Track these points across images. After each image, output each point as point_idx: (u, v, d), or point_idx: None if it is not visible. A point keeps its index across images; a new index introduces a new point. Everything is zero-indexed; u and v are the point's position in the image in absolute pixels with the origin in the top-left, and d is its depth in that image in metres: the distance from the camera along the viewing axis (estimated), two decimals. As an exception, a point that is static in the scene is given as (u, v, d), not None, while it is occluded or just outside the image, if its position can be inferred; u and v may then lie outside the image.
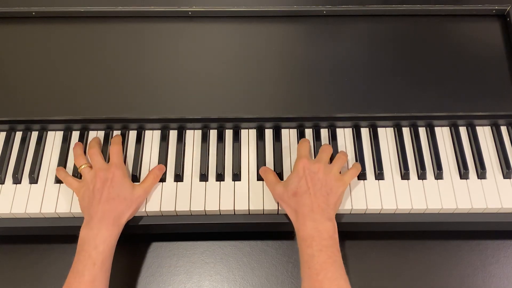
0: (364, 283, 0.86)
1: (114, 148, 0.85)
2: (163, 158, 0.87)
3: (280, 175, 0.86)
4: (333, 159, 0.85)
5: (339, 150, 0.88)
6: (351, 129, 0.91)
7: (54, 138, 0.90)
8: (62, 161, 0.87)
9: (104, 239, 0.75)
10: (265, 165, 0.87)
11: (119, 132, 0.90)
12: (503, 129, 0.90)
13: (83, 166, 0.83)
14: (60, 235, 0.89)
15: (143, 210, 0.83)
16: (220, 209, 0.83)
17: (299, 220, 0.76)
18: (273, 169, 0.86)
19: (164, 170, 0.86)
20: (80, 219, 0.83)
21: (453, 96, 0.89)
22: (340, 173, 0.82)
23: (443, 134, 0.90)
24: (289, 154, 0.88)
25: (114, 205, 0.78)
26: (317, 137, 0.89)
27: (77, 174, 0.86)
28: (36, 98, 0.89)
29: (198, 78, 0.90)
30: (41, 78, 0.90)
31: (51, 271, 0.87)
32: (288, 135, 0.90)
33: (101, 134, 0.90)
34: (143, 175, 0.86)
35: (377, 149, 0.88)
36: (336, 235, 0.75)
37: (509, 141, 0.89)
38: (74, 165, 0.86)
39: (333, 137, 0.89)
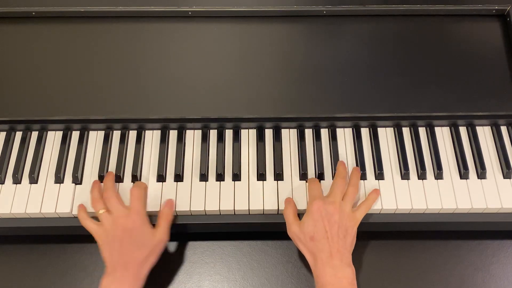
0: (364, 283, 0.86)
1: (136, 192, 0.80)
2: (163, 158, 0.87)
3: (280, 175, 0.86)
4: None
5: (339, 150, 0.88)
6: (351, 129, 0.91)
7: (54, 138, 0.90)
8: (62, 161, 0.87)
9: None
10: (265, 165, 0.87)
11: (119, 132, 0.90)
12: (503, 129, 0.90)
13: (101, 211, 0.79)
14: (60, 235, 0.89)
15: (143, 210, 0.83)
16: (220, 209, 0.83)
17: (317, 265, 0.74)
18: (273, 169, 0.86)
19: (174, 206, 0.83)
20: (80, 219, 0.84)
21: (453, 96, 0.89)
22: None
23: (443, 134, 0.90)
24: (289, 154, 0.88)
25: (136, 255, 0.76)
26: (317, 137, 0.89)
27: (81, 173, 0.86)
28: (36, 98, 0.89)
29: (198, 78, 0.90)
30: (41, 78, 0.90)
31: (51, 271, 0.87)
32: (288, 135, 0.90)
33: (101, 134, 0.90)
34: (143, 175, 0.86)
35: (377, 149, 0.88)
36: (355, 281, 0.74)
37: (509, 141, 0.89)
38: (74, 165, 0.86)
39: (333, 137, 0.89)
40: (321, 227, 0.75)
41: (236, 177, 0.86)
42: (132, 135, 0.90)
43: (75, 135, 0.90)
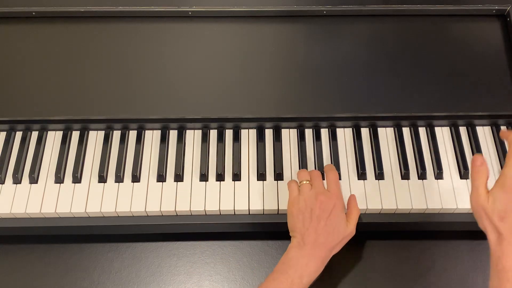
0: (364, 283, 0.86)
1: (332, 175, 0.80)
2: (163, 158, 0.87)
3: (280, 175, 0.86)
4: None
5: (339, 150, 0.88)
6: (351, 129, 0.91)
7: (54, 138, 0.90)
8: (62, 161, 0.87)
9: (311, 272, 0.72)
10: (265, 165, 0.87)
11: (119, 132, 0.90)
12: (503, 129, 0.90)
13: (304, 182, 0.79)
14: (60, 235, 0.89)
15: (143, 210, 0.83)
16: (220, 209, 0.83)
17: (503, 246, 0.64)
18: (273, 169, 0.86)
19: None
20: (80, 219, 0.84)
21: (453, 96, 0.89)
22: None
23: (443, 134, 0.90)
24: (289, 154, 0.88)
25: (329, 240, 0.74)
26: (317, 137, 0.89)
27: (81, 173, 0.86)
28: (36, 98, 0.89)
29: (198, 78, 0.90)
30: (41, 78, 0.90)
31: (51, 271, 0.87)
32: (288, 135, 0.90)
33: (101, 134, 0.90)
34: (143, 175, 0.86)
35: (377, 149, 0.88)
36: None
37: (509, 141, 0.89)
38: (74, 165, 0.86)
39: (333, 137, 0.89)
40: None
41: (236, 177, 0.86)
42: (132, 135, 0.90)
43: (75, 135, 0.90)
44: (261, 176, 0.86)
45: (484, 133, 0.90)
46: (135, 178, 0.86)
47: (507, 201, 0.65)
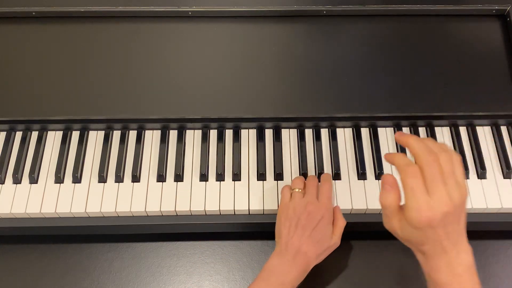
0: (365, 283, 0.86)
1: (326, 187, 0.80)
2: (163, 158, 0.87)
3: (280, 175, 0.86)
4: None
5: (339, 150, 0.88)
6: (351, 129, 0.91)
7: (54, 138, 0.90)
8: (62, 161, 0.87)
9: (292, 280, 0.72)
10: (265, 165, 0.87)
11: (119, 132, 0.90)
12: (503, 129, 0.90)
13: (297, 190, 0.79)
14: (60, 235, 0.89)
15: (143, 210, 0.83)
16: (220, 209, 0.83)
17: (429, 262, 0.63)
18: (273, 169, 0.86)
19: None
20: (80, 219, 0.84)
21: (453, 96, 0.89)
22: None
23: (443, 134, 0.90)
24: (289, 154, 0.88)
25: (312, 250, 0.74)
26: (317, 137, 0.89)
27: (81, 173, 0.86)
28: (36, 98, 0.89)
29: (198, 78, 0.90)
30: (41, 78, 0.90)
31: (51, 271, 0.87)
32: (288, 135, 0.90)
33: (101, 134, 0.90)
34: (143, 175, 0.86)
35: (377, 149, 0.88)
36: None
37: (509, 141, 0.89)
38: (74, 165, 0.86)
39: (333, 137, 0.89)
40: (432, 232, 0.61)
41: (236, 177, 0.86)
42: (132, 135, 0.90)
43: (75, 135, 0.90)
44: (261, 176, 0.86)
45: (484, 133, 0.90)
46: (135, 178, 0.86)
47: (419, 235, 0.61)
